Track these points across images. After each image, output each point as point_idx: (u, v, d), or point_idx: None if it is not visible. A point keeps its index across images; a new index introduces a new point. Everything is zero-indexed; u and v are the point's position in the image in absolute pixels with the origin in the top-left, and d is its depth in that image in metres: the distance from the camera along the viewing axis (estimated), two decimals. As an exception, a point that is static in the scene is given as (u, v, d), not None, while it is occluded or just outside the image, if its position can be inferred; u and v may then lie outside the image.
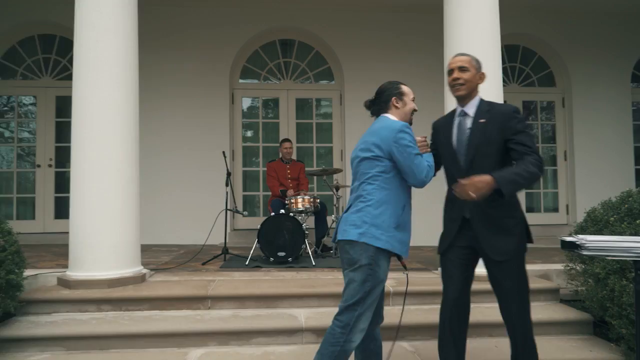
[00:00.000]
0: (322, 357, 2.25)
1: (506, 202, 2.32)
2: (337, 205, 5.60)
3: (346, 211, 2.42)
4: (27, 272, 3.78)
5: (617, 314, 3.00)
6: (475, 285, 2.61)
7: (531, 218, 7.66)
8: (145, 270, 4.10)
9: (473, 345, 3.06)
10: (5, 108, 7.06)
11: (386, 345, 2.66)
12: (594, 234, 3.27)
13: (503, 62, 7.51)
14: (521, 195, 7.57)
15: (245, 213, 5.84)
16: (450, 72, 2.49)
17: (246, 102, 7.40)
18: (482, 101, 2.50)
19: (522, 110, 7.61)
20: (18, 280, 3.30)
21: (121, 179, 3.92)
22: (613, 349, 3.10)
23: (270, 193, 5.99)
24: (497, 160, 2.37)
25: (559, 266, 4.17)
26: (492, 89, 4.09)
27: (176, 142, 6.84)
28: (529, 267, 4.45)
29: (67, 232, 3.94)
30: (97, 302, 3.53)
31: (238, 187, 7.12)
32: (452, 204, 2.50)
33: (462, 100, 2.50)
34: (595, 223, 3.44)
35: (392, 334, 2.95)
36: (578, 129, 7.51)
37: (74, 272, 3.79)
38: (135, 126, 4.08)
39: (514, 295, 2.40)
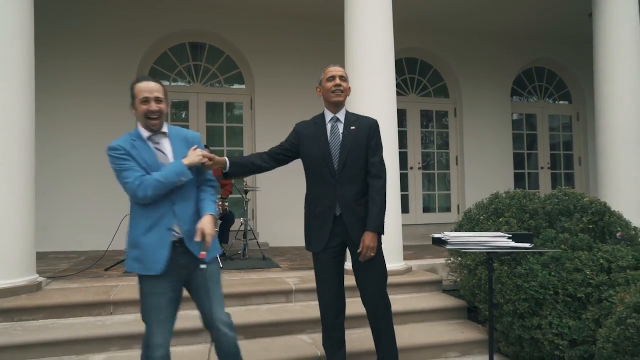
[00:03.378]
0: None
1: (365, 201, 2.72)
2: (246, 208, 5.75)
3: None
4: None
5: (484, 300, 3.49)
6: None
7: (427, 217, 8.35)
8: (41, 279, 3.94)
9: (364, 334, 3.37)
10: None
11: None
12: (469, 231, 3.76)
13: (403, 74, 8.20)
14: (419, 197, 8.14)
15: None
16: (332, 78, 2.78)
17: (154, 104, 7.25)
18: (347, 111, 2.86)
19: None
20: None
21: (17, 183, 3.75)
22: (481, 329, 3.60)
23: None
24: (364, 164, 2.74)
25: (444, 261, 4.68)
26: (387, 99, 4.52)
27: (78, 146, 6.54)
28: (420, 262, 4.96)
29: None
30: (-15, 313, 3.36)
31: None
32: (320, 202, 2.75)
33: (337, 107, 2.81)
34: (470, 221, 3.94)
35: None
36: (468, 136, 8.34)
37: (-42, 284, 3.56)
38: (30, 129, 3.92)
39: (376, 280, 2.75)
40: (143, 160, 2.25)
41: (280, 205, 7.03)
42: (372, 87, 4.48)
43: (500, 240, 2.53)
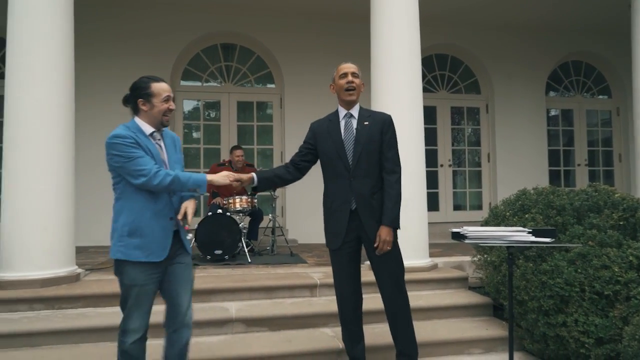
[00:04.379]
0: None
1: (380, 196, 2.75)
2: (274, 205, 5.86)
3: None
4: (-46, 275, 3.78)
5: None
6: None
7: (457, 215, 8.25)
8: (79, 270, 4.17)
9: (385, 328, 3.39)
10: None
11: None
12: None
13: (433, 70, 8.13)
14: (449, 195, 8.07)
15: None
16: (344, 75, 2.83)
17: (187, 104, 7.50)
18: (361, 107, 2.90)
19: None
20: (-55, 281, 3.31)
21: (55, 180, 3.97)
22: (505, 326, 3.55)
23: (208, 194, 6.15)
24: (378, 157, 2.78)
25: (476, 258, 4.64)
26: (412, 96, 4.52)
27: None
28: (446, 259, 4.94)
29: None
30: (29, 301, 3.59)
31: (179, 188, 7.20)
32: (336, 198, 2.81)
33: (350, 103, 2.86)
34: (496, 217, 3.89)
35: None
36: (500, 133, 8.17)
37: (6, 273, 3.81)
38: (70, 129, 4.15)
39: (391, 273, 2.77)
40: (150, 152, 2.36)
41: (308, 203, 7.09)
42: (396, 84, 4.49)
43: (519, 234, 2.51)
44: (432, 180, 8.08)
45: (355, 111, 2.85)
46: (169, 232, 2.36)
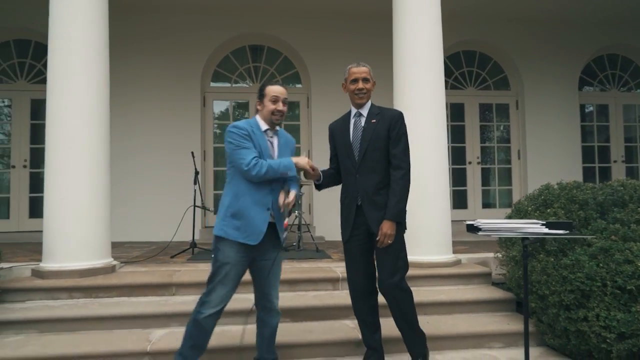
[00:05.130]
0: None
1: (386, 191, 2.81)
2: (300, 202, 5.98)
3: None
4: (2, 265, 4.08)
5: (529, 291, 3.43)
6: (412, 271, 3.00)
7: (486, 213, 8.13)
8: (115, 262, 4.41)
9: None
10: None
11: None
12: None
13: (461, 67, 8.07)
14: (477, 192, 7.96)
15: (212, 209, 6.16)
16: (355, 81, 2.91)
17: (217, 105, 7.73)
18: (372, 105, 2.97)
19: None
20: (-7, 270, 3.59)
21: (92, 178, 4.22)
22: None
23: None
24: (384, 154, 2.84)
25: (499, 254, 4.61)
26: (434, 93, 4.54)
27: (149, 144, 7.14)
28: (471, 255, 4.92)
29: (41, 231, 4.22)
30: (69, 289, 3.84)
31: (210, 186, 7.44)
32: (347, 194, 2.93)
33: (361, 104, 2.94)
34: (519, 212, 3.87)
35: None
36: (530, 129, 8.03)
37: (48, 264, 4.09)
38: (106, 129, 4.39)
39: (389, 266, 2.80)
40: (259, 145, 2.63)
41: (335, 200, 7.16)
42: (418, 81, 4.51)
43: (533, 226, 2.52)
44: (460, 177, 8.03)
45: (364, 110, 2.93)
46: (264, 221, 2.61)
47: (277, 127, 2.78)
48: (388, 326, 3.10)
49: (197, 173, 5.56)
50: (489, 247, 5.61)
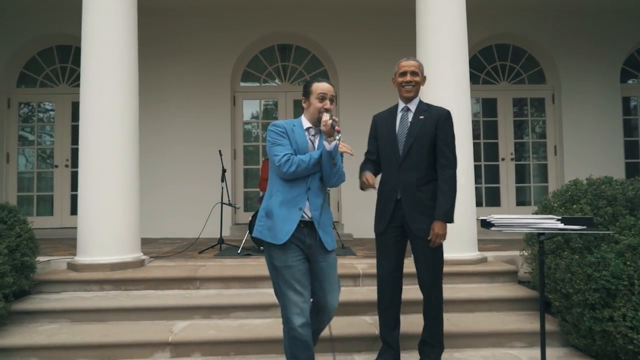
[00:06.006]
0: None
1: (432, 188, 2.74)
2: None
3: None
4: (42, 259, 4.33)
5: (553, 289, 3.32)
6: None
7: (521, 211, 7.88)
8: (144, 257, 4.58)
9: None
10: (28, 113, 7.70)
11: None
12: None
13: (493, 61, 7.86)
14: (511, 189, 7.73)
15: (238, 206, 6.29)
16: (404, 74, 2.92)
17: (247, 104, 7.87)
18: (421, 101, 2.97)
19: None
20: (31, 263, 3.81)
21: (123, 176, 4.41)
22: (551, 320, 3.42)
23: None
24: (429, 150, 2.83)
25: (524, 252, 4.48)
26: (459, 88, 4.47)
27: (179, 143, 7.34)
28: (497, 253, 4.81)
29: (79, 225, 4.44)
30: (100, 282, 4.03)
31: (239, 184, 7.59)
32: (386, 186, 2.93)
33: (409, 99, 2.94)
34: (545, 209, 3.75)
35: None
36: (567, 124, 7.72)
37: (81, 258, 4.30)
38: (135, 128, 4.57)
39: (428, 267, 2.81)
40: (296, 143, 2.54)
41: (364, 198, 7.09)
42: (442, 76, 4.44)
43: (548, 222, 2.44)
44: (493, 174, 7.83)
45: (413, 105, 2.93)
46: (293, 220, 2.46)
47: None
48: (405, 324, 3.10)
49: (224, 171, 5.70)
50: (520, 245, 5.45)
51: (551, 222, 2.41)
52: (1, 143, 7.39)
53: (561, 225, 2.40)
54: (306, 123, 2.62)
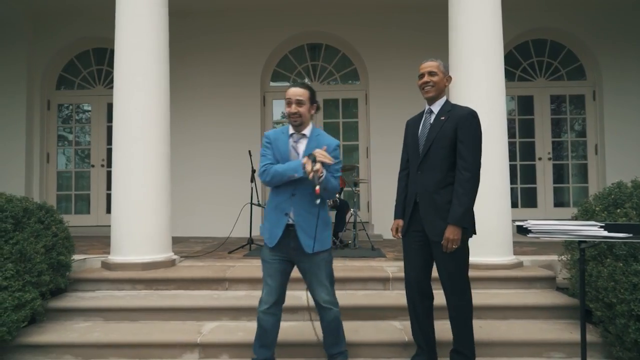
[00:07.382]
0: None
1: (451, 191, 2.68)
2: (355, 199, 5.94)
3: None
4: (77, 257, 4.44)
5: (595, 298, 3.16)
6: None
7: (559, 212, 7.60)
8: (175, 256, 4.64)
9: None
10: (67, 115, 7.96)
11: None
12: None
13: (529, 57, 7.59)
14: (549, 190, 7.49)
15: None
16: (421, 76, 2.84)
17: (277, 104, 7.87)
18: (446, 102, 2.86)
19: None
20: (67, 261, 3.91)
21: (154, 177, 4.47)
22: (592, 330, 3.25)
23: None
24: (449, 152, 2.72)
25: (563, 257, 4.29)
26: (492, 86, 4.32)
27: (211, 140, 7.43)
28: (534, 257, 4.63)
29: (115, 226, 4.53)
30: (132, 281, 4.09)
31: (269, 183, 7.60)
32: (410, 188, 2.88)
33: (431, 100, 2.85)
34: (585, 213, 3.57)
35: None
36: (609, 122, 7.38)
37: (115, 257, 4.39)
38: (166, 129, 4.62)
39: (447, 273, 2.71)
40: (278, 151, 2.68)
41: (394, 198, 7.08)
42: (475, 74, 4.31)
43: (590, 229, 2.30)
44: (529, 174, 7.57)
45: (436, 107, 2.84)
46: (281, 225, 2.69)
47: (306, 131, 2.72)
48: (441, 330, 3.01)
49: (254, 171, 5.71)
50: (558, 249, 5.23)
51: (593, 229, 2.27)
52: (42, 143, 7.65)
53: (604, 233, 2.26)
54: (291, 129, 2.74)
